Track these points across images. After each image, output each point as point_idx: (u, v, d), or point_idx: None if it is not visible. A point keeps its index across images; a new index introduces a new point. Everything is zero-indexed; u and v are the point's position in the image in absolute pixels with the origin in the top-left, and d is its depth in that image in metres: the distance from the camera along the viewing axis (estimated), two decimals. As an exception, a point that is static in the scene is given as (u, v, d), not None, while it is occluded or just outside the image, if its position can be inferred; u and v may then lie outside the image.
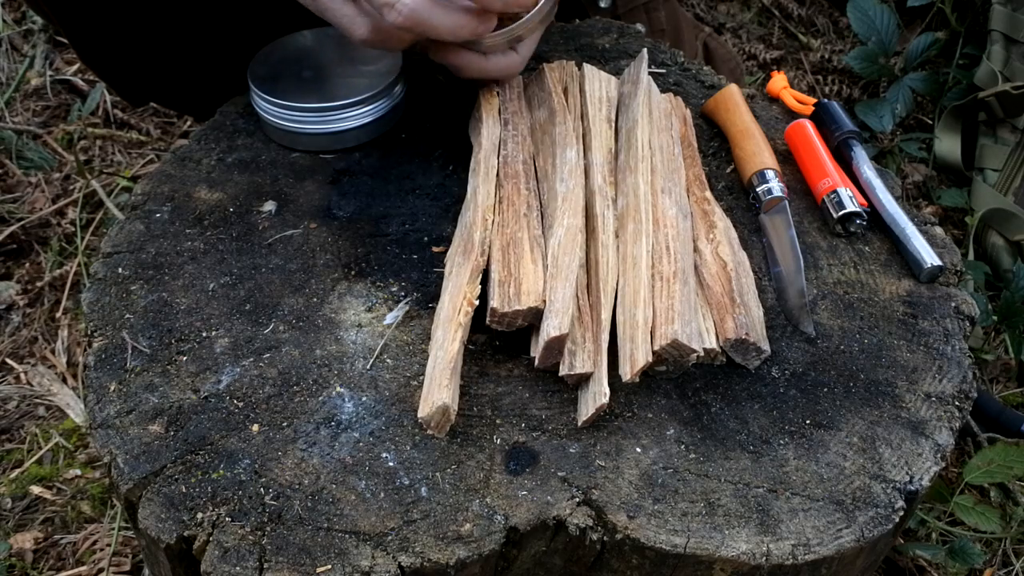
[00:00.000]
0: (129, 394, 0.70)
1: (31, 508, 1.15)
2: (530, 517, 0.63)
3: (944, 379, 0.74)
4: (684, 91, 0.99)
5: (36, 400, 1.26)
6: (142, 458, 0.66)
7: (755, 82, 1.69)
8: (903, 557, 1.14)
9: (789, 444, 0.69)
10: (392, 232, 0.82)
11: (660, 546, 0.62)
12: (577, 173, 0.77)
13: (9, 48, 1.73)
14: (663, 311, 0.69)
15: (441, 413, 0.66)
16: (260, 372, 0.71)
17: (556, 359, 0.69)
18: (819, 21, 1.97)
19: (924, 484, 0.67)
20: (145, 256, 0.80)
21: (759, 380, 0.73)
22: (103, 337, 0.73)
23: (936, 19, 1.79)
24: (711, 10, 1.98)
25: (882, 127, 1.61)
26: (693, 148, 0.88)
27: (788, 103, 0.98)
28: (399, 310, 0.76)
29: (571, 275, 0.70)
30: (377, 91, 0.88)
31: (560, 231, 0.73)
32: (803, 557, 0.63)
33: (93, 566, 1.09)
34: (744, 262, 0.79)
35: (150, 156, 1.58)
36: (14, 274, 1.41)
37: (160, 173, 0.87)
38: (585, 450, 0.67)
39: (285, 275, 0.78)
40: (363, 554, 0.61)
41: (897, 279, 0.81)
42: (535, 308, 0.69)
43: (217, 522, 0.62)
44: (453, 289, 0.72)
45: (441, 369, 0.67)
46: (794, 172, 0.90)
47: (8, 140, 1.57)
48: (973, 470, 1.14)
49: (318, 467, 0.66)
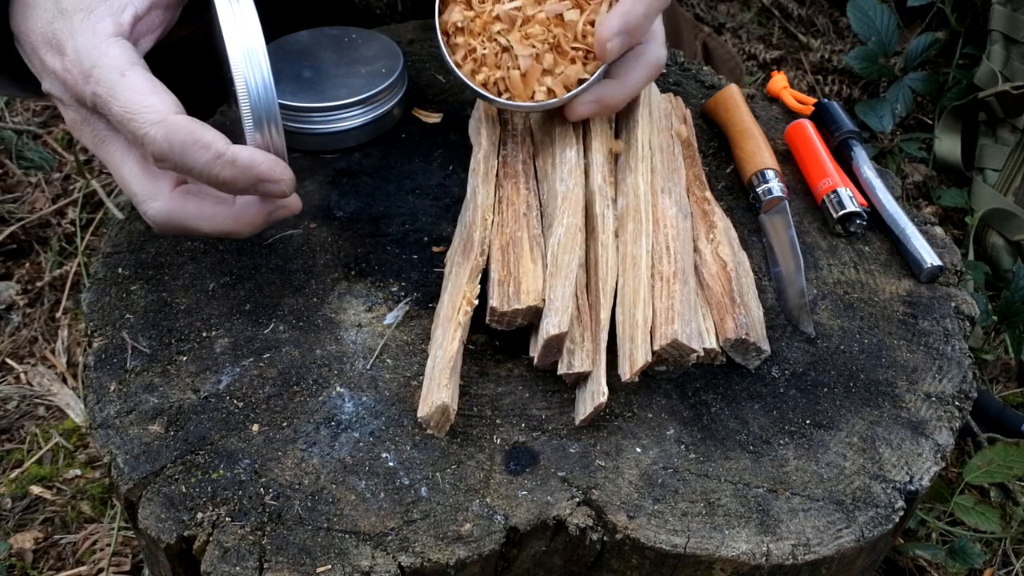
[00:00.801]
0: (129, 394, 0.70)
1: (31, 508, 1.15)
2: (530, 517, 0.63)
3: (944, 379, 0.74)
4: (684, 91, 0.99)
5: (36, 400, 1.26)
6: (142, 458, 0.66)
7: (755, 82, 1.69)
8: (903, 557, 1.14)
9: (789, 444, 0.69)
10: (392, 232, 0.82)
11: (660, 546, 0.62)
12: (577, 173, 0.78)
13: (9, 48, 1.73)
14: (663, 311, 0.69)
15: (441, 412, 0.66)
16: (260, 372, 0.71)
17: (555, 358, 0.69)
18: (819, 21, 1.97)
19: (924, 484, 0.67)
20: (145, 256, 0.80)
21: (759, 380, 0.73)
22: (103, 337, 0.73)
23: (936, 19, 1.79)
24: (711, 10, 1.98)
25: (882, 127, 1.61)
26: (693, 148, 0.88)
27: (788, 103, 0.98)
28: (399, 310, 0.76)
29: (571, 274, 0.70)
30: (377, 91, 0.88)
31: (560, 230, 0.73)
32: (803, 557, 0.63)
33: (93, 566, 1.09)
34: (744, 262, 0.79)
35: (150, 156, 1.58)
36: (14, 274, 1.41)
37: (160, 173, 0.87)
38: (585, 450, 0.67)
39: (285, 275, 0.78)
40: (363, 554, 0.61)
41: (897, 279, 0.81)
42: (535, 307, 0.69)
43: (217, 522, 0.62)
44: (452, 289, 0.72)
45: (441, 368, 0.67)
46: (794, 172, 0.90)
47: (8, 140, 1.57)
48: (973, 470, 1.14)
49: (318, 467, 0.66)
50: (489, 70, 0.76)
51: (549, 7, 0.75)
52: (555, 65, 0.75)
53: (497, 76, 0.76)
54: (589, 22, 0.75)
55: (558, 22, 0.75)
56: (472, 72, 0.77)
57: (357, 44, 0.93)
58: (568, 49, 0.75)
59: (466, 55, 0.77)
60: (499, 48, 0.75)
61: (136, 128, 0.63)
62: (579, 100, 0.77)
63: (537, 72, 0.75)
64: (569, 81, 0.76)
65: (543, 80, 0.76)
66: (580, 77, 0.76)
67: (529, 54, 0.75)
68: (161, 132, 0.63)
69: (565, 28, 0.75)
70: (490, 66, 0.76)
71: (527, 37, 0.75)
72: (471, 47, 0.76)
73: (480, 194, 0.77)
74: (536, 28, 0.75)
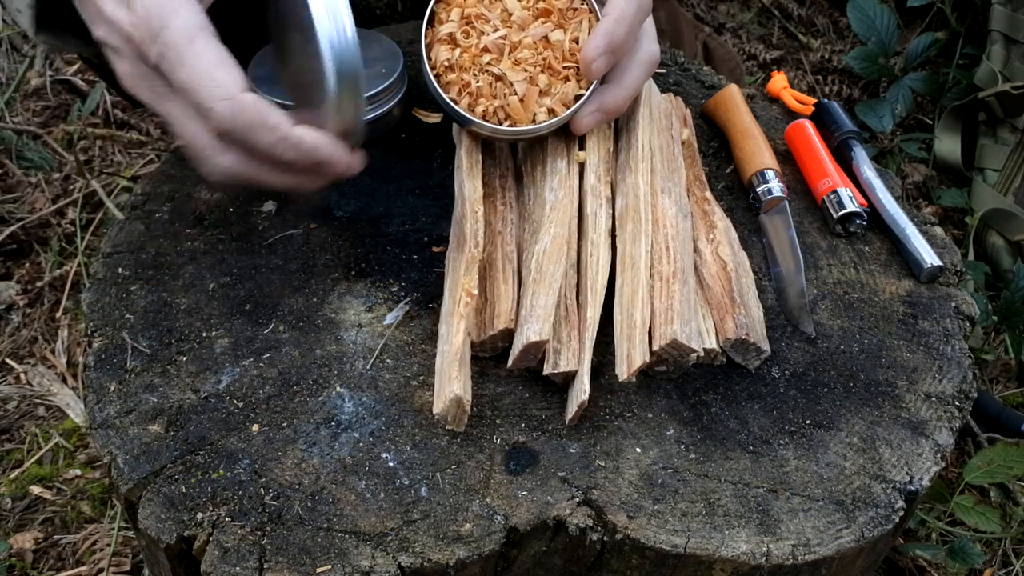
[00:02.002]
0: (129, 394, 0.70)
1: (31, 508, 1.15)
2: (530, 517, 0.63)
3: (944, 379, 0.74)
4: (684, 91, 0.99)
5: (36, 400, 1.26)
6: (142, 458, 0.66)
7: (755, 82, 1.69)
8: (903, 557, 1.14)
9: (789, 444, 0.69)
10: (392, 232, 0.82)
11: (660, 546, 0.62)
12: (567, 184, 0.78)
13: (9, 48, 1.73)
14: (662, 311, 0.69)
15: (456, 405, 0.66)
16: (260, 372, 0.71)
17: (531, 363, 0.70)
18: (819, 21, 1.97)
19: (924, 484, 0.67)
20: (145, 256, 0.80)
21: (759, 380, 0.73)
22: (103, 337, 0.73)
23: (936, 19, 1.79)
24: (711, 10, 1.98)
25: (882, 127, 1.61)
26: (693, 148, 0.88)
27: (788, 103, 0.98)
28: (399, 310, 0.76)
29: (555, 283, 0.70)
30: (377, 91, 0.88)
31: (547, 238, 0.73)
32: (803, 557, 0.63)
33: (93, 566, 1.09)
34: (744, 262, 0.79)
35: (150, 156, 1.58)
36: (14, 274, 1.41)
37: (160, 173, 0.87)
38: (585, 450, 0.67)
39: (285, 275, 0.78)
40: (363, 554, 0.61)
41: (897, 279, 0.81)
42: (507, 330, 0.70)
43: (217, 522, 0.62)
44: (451, 283, 0.72)
45: (449, 362, 0.67)
46: (794, 172, 0.90)
47: (8, 140, 1.57)
48: (973, 470, 1.14)
49: (318, 467, 0.66)
50: (487, 100, 0.76)
51: (534, 31, 0.76)
52: (550, 85, 0.76)
53: (495, 105, 0.76)
54: (574, 40, 0.76)
55: (545, 44, 0.76)
56: (470, 107, 0.77)
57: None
58: (560, 69, 0.76)
59: (460, 91, 0.77)
60: (492, 78, 0.76)
61: (202, 100, 0.63)
62: (582, 113, 0.77)
63: (535, 95, 0.76)
64: (567, 99, 0.76)
65: (542, 101, 0.76)
66: (576, 94, 0.76)
67: (523, 78, 0.75)
68: (228, 110, 0.63)
69: (553, 49, 0.76)
70: (487, 97, 0.76)
71: (518, 63, 0.75)
72: (464, 82, 0.76)
73: (467, 188, 0.77)
74: (525, 53, 0.75)
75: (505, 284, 0.72)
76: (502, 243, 0.75)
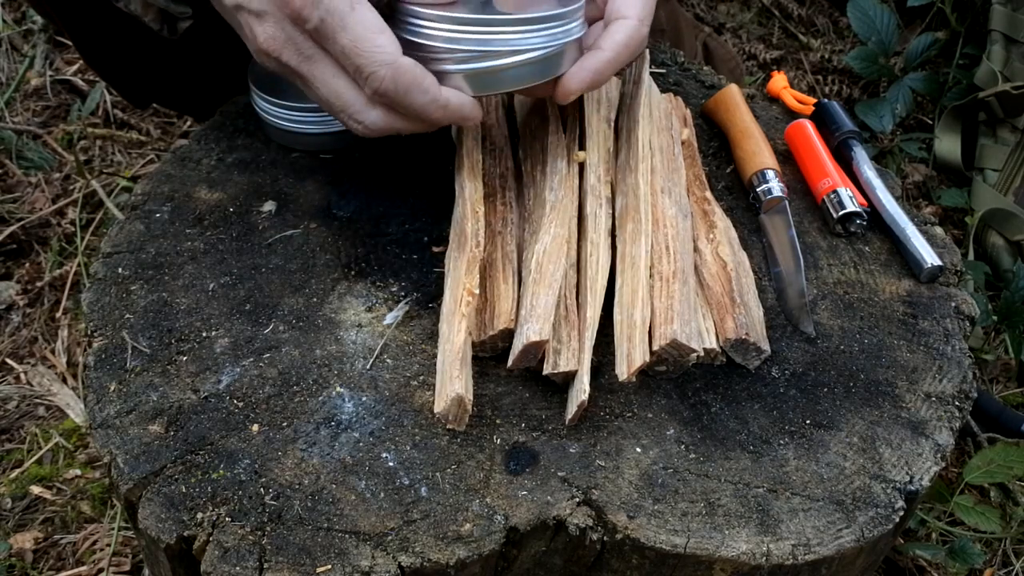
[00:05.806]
0: (129, 394, 0.70)
1: (31, 508, 1.15)
2: (530, 517, 0.63)
3: (944, 379, 0.74)
4: (684, 91, 0.99)
5: (36, 400, 1.26)
6: (142, 458, 0.66)
7: (755, 82, 1.69)
8: (903, 557, 1.14)
9: (789, 444, 0.69)
10: (392, 232, 0.82)
11: (660, 546, 0.62)
12: (567, 184, 0.77)
13: (9, 48, 1.73)
14: (662, 311, 0.69)
15: (457, 404, 0.66)
16: (260, 372, 0.71)
17: (531, 363, 0.70)
18: (819, 21, 1.97)
19: (924, 484, 0.67)
20: (145, 256, 0.80)
21: (759, 380, 0.73)
22: (103, 337, 0.73)
23: (936, 19, 1.79)
24: (711, 10, 1.98)
25: (882, 127, 1.61)
26: (693, 148, 0.88)
27: (788, 103, 0.98)
28: (399, 310, 0.76)
29: (555, 283, 0.70)
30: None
31: (547, 238, 0.73)
32: (803, 557, 0.63)
33: (93, 566, 1.09)
34: (744, 262, 0.79)
35: (150, 156, 1.58)
36: (14, 274, 1.41)
37: (160, 173, 0.87)
38: (585, 450, 0.67)
39: (285, 275, 0.78)
40: (363, 554, 0.61)
41: (897, 279, 0.81)
42: (507, 329, 0.70)
43: (217, 522, 0.62)
44: (452, 283, 0.72)
45: (450, 362, 0.67)
46: (794, 172, 0.90)
47: (8, 140, 1.57)
48: (973, 470, 1.14)
49: (318, 467, 0.66)
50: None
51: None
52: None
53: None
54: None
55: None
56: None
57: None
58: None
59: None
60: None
61: (364, 64, 0.67)
62: (569, 75, 0.73)
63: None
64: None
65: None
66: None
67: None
68: (390, 73, 0.67)
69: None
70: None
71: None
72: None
73: (468, 188, 0.77)
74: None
75: (505, 284, 0.72)
76: (502, 243, 0.75)
